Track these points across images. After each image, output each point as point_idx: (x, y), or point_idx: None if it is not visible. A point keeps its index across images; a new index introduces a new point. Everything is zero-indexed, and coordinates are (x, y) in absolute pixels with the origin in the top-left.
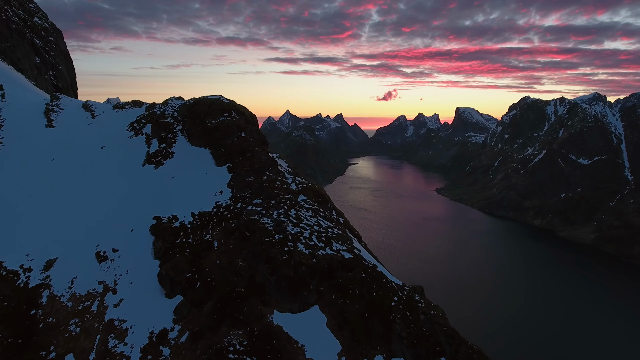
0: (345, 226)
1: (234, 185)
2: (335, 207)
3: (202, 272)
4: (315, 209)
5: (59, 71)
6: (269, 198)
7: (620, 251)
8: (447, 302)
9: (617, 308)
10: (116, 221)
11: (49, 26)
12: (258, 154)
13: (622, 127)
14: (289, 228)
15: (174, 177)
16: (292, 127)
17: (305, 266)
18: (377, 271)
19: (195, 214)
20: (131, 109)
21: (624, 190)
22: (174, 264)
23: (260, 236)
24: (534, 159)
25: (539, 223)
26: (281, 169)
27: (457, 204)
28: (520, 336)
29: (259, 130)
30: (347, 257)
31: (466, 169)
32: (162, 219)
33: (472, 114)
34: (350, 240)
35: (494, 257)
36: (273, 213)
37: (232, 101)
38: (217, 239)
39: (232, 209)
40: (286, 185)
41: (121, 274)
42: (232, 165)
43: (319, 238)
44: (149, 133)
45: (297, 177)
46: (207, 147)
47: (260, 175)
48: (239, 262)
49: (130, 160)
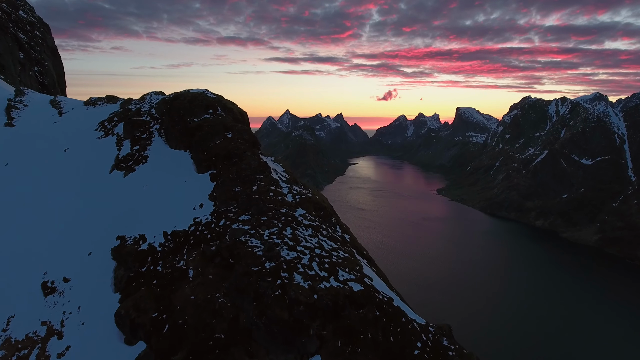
0: (352, 245)
1: (217, 196)
2: (340, 221)
3: (172, 312)
4: (316, 226)
5: (45, 67)
6: (259, 213)
7: (624, 253)
8: (447, 303)
9: (620, 310)
10: (71, 242)
11: (35, 20)
12: (247, 158)
13: (625, 127)
14: (284, 253)
15: (146, 187)
16: (292, 127)
17: (303, 305)
18: (394, 307)
19: (168, 233)
20: (104, 106)
21: (627, 191)
22: (136, 300)
23: (246, 264)
24: (536, 159)
25: (541, 224)
26: (275, 176)
27: (458, 204)
28: (520, 337)
29: (249, 129)
30: (356, 289)
31: (467, 169)
32: (127, 239)
33: (473, 114)
34: (359, 266)
35: (496, 258)
36: (264, 233)
37: (219, 96)
38: (193, 267)
39: (214, 228)
40: (281, 197)
41: (71, 311)
42: (215, 172)
43: (321, 265)
44: (121, 133)
45: (294, 185)
46: (187, 149)
47: (249, 184)
48: (219, 297)
49: (96, 165)
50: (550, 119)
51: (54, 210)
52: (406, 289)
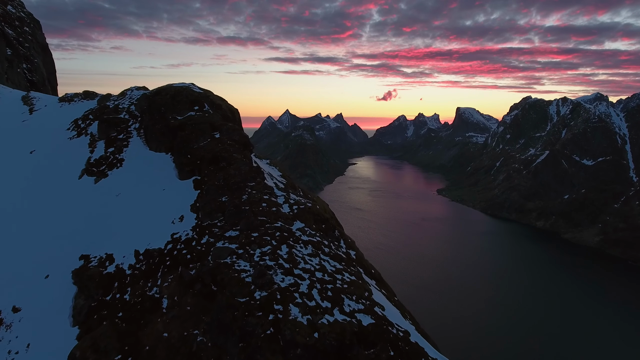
0: (359, 263)
1: (200, 208)
2: (344, 233)
3: (138, 353)
4: (316, 242)
5: (35, 65)
6: (249, 228)
7: (627, 254)
8: (448, 304)
9: (622, 312)
10: (26, 262)
11: (24, 16)
12: (237, 162)
13: (626, 128)
14: (278, 278)
15: (119, 195)
16: (292, 127)
17: (301, 347)
18: (411, 343)
19: (140, 252)
20: (80, 102)
21: (629, 192)
22: (95, 338)
23: (231, 294)
24: (537, 160)
25: (542, 225)
26: (270, 182)
27: (458, 205)
28: (521, 338)
29: (240, 129)
30: (366, 322)
31: (467, 169)
32: (92, 259)
33: (473, 114)
34: (368, 292)
35: (496, 259)
36: (254, 252)
37: (206, 90)
38: (167, 295)
39: (195, 246)
40: (275, 208)
41: (18, 350)
42: (200, 179)
43: (323, 293)
44: (96, 133)
45: (291, 193)
46: (168, 152)
47: (238, 193)
48: (198, 336)
49: (64, 170)
50: (551, 119)
51: (9, 223)
52: (406, 290)
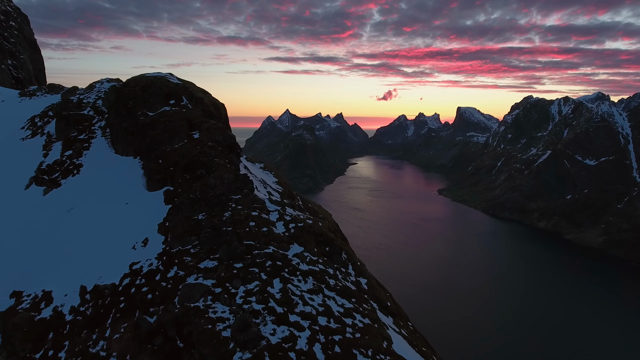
0: (371, 295)
1: (170, 228)
2: (353, 254)
3: None
4: (319, 273)
5: (21, 61)
6: (230, 257)
7: (630, 255)
8: (449, 304)
9: (625, 314)
10: None
11: (11, 10)
12: (219, 168)
13: (629, 127)
14: (266, 330)
15: (71, 211)
16: (292, 127)
17: None
18: None
19: (87, 289)
20: (43, 97)
21: (632, 192)
22: None
23: (202, 356)
24: (538, 160)
25: (544, 225)
26: (262, 193)
27: (459, 205)
28: (521, 339)
29: (225, 128)
30: None
31: (468, 169)
32: (24, 298)
33: (474, 114)
34: (387, 341)
35: (498, 260)
36: (237, 292)
37: (185, 82)
38: (117, 353)
39: (159, 281)
40: (267, 228)
41: None
42: (172, 190)
43: (327, 349)
44: (53, 133)
45: (287, 207)
46: (137, 156)
47: (219, 209)
48: None
49: (9, 178)
50: (553, 118)
51: None
52: (407, 290)
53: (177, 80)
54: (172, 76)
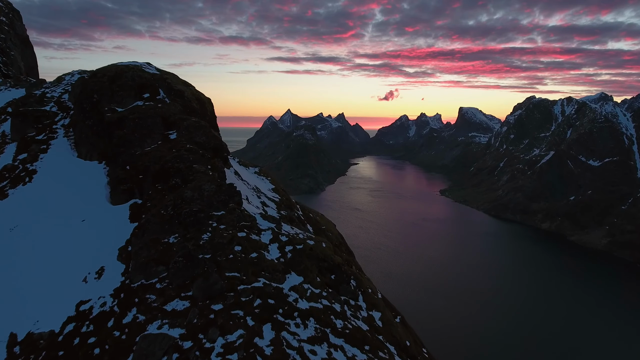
0: (387, 334)
1: (133, 254)
2: (365, 280)
3: None
4: (323, 312)
5: (11, 57)
6: (207, 296)
7: (635, 257)
8: (449, 305)
9: (629, 317)
10: None
11: (2, 5)
12: (198, 177)
13: (633, 128)
14: None
15: (14, 230)
16: (293, 127)
17: None
18: None
19: (18, 339)
20: (7, 91)
21: (636, 193)
22: None
23: None
24: (541, 160)
25: (547, 226)
26: (253, 206)
27: (461, 205)
28: (522, 340)
29: (210, 127)
30: None
31: (470, 169)
32: None
33: (476, 114)
34: None
35: (500, 261)
36: (213, 346)
37: (164, 72)
38: None
39: (111, 330)
40: (257, 253)
41: None
42: (140, 204)
43: None
44: (8, 132)
45: (284, 223)
46: (103, 160)
47: (195, 229)
48: None
49: None
50: (556, 119)
51: None
52: (407, 290)
53: (155, 70)
54: (150, 66)
